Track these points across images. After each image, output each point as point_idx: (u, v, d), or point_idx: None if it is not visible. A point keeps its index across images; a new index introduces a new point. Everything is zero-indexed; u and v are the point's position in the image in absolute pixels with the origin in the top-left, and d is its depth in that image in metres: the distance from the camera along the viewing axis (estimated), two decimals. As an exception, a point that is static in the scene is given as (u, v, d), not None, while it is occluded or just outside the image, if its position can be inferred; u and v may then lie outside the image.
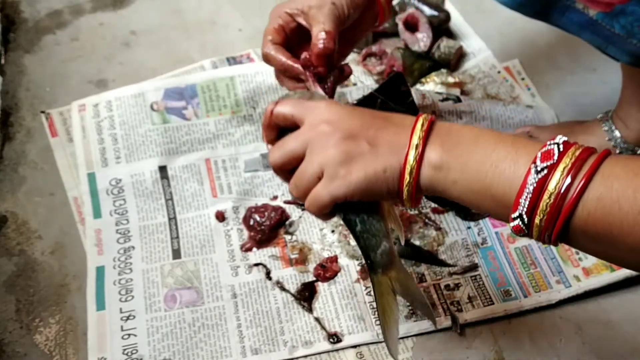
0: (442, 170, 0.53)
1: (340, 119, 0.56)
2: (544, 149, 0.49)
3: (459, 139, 0.53)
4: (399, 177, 0.54)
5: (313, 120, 0.57)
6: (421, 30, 1.10)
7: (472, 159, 0.52)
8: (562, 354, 0.80)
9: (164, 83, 0.98)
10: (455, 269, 0.86)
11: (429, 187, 0.55)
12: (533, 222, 0.49)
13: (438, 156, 0.53)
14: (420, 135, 0.54)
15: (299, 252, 0.87)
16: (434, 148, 0.54)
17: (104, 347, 0.78)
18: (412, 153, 0.54)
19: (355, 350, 0.79)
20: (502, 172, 0.50)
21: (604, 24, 0.69)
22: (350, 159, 0.55)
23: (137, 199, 0.90)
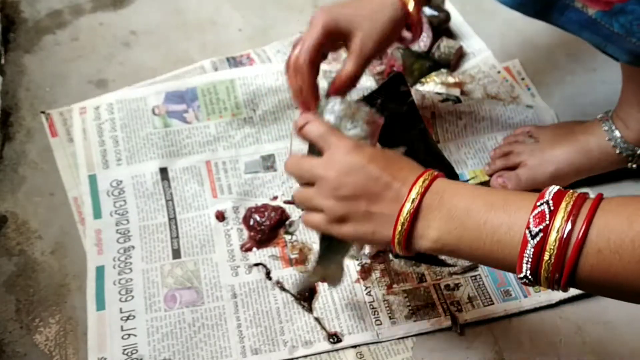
0: (440, 242, 0.57)
1: (349, 172, 0.60)
2: (535, 212, 0.50)
3: (452, 212, 0.56)
4: (390, 241, 0.60)
5: (328, 162, 0.62)
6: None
7: (468, 231, 0.55)
8: (562, 354, 0.80)
9: (165, 87, 0.98)
10: (455, 269, 0.86)
11: (432, 252, 0.59)
12: (540, 280, 0.51)
13: (434, 232, 0.57)
14: (408, 212, 0.57)
15: (299, 252, 0.87)
16: (426, 223, 0.57)
17: (104, 347, 0.78)
18: (399, 229, 0.58)
19: (355, 350, 0.79)
20: (498, 241, 0.53)
21: (603, 22, 0.69)
22: (346, 218, 0.61)
23: (138, 200, 0.90)
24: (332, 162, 0.62)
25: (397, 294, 0.84)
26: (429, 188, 0.58)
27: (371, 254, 0.87)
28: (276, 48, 1.11)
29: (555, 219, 0.49)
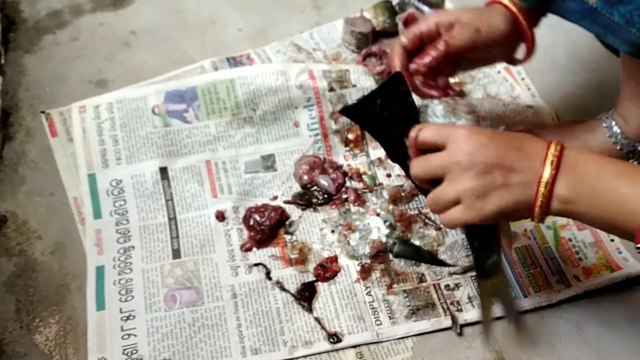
0: (570, 204, 0.61)
1: (477, 151, 0.63)
2: None
3: (584, 177, 0.60)
4: (530, 208, 0.62)
5: (453, 149, 0.64)
6: (421, 30, 1.10)
7: (597, 196, 0.59)
8: (562, 354, 0.80)
9: (165, 86, 0.98)
10: (455, 269, 0.86)
11: (558, 214, 0.63)
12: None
13: (566, 193, 0.61)
14: (550, 174, 0.61)
15: (299, 252, 0.87)
16: (562, 185, 0.61)
17: (104, 347, 0.78)
18: (542, 190, 0.61)
19: (355, 350, 0.79)
20: (623, 210, 0.57)
21: (604, 12, 0.70)
22: (485, 193, 0.63)
23: (138, 200, 0.90)
24: (457, 148, 0.64)
25: (397, 294, 0.84)
26: (562, 153, 0.62)
27: (371, 254, 0.87)
28: (276, 48, 1.11)
29: None
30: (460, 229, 0.71)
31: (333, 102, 0.99)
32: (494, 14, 0.79)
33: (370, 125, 0.79)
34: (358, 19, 1.12)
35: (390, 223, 0.90)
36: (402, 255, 0.87)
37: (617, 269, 0.86)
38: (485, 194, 0.63)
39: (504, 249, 0.74)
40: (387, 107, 0.76)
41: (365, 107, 0.76)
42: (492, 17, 0.79)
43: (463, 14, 0.79)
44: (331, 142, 0.98)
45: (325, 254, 0.87)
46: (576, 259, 0.87)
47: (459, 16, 0.79)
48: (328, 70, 1.01)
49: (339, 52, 1.11)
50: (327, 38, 1.14)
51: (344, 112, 0.78)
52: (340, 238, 0.89)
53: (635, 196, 0.56)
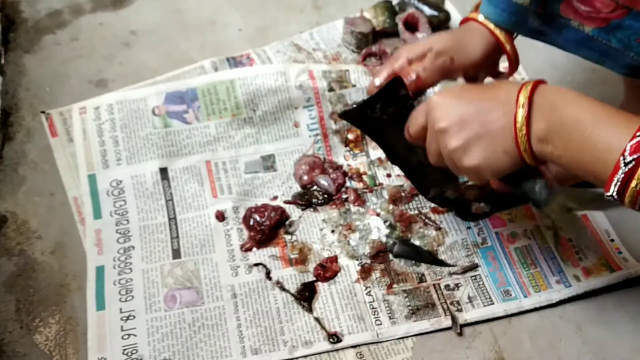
0: (547, 145, 0.61)
1: (450, 111, 0.65)
2: (633, 141, 0.54)
3: (562, 118, 0.59)
4: (517, 152, 0.63)
5: (431, 121, 0.68)
6: (421, 30, 1.10)
7: (572, 141, 0.58)
8: (562, 354, 0.80)
9: (165, 87, 0.98)
10: (455, 269, 0.86)
11: (538, 156, 0.62)
12: (624, 201, 0.56)
13: (543, 133, 0.61)
14: (522, 115, 0.61)
15: (299, 252, 0.87)
16: (540, 125, 0.61)
17: (104, 347, 0.78)
18: (519, 134, 0.61)
19: (355, 350, 0.79)
20: (596, 158, 0.57)
21: (600, 38, 0.70)
22: (468, 147, 0.65)
23: (138, 200, 0.90)
24: (433, 118, 0.67)
25: (397, 294, 0.84)
26: (535, 91, 0.62)
27: (371, 254, 0.87)
28: (276, 48, 1.11)
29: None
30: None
31: (333, 102, 0.99)
32: (469, 35, 0.80)
33: (370, 129, 0.80)
34: (358, 19, 1.13)
35: (390, 223, 0.90)
36: (402, 255, 0.87)
37: (617, 269, 0.86)
38: (468, 147, 0.65)
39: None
40: (386, 111, 0.76)
41: (365, 111, 0.76)
42: (467, 39, 0.80)
43: (436, 42, 0.79)
44: (331, 142, 0.98)
45: (325, 254, 0.87)
46: (576, 259, 0.87)
47: (432, 45, 0.79)
48: (328, 70, 1.01)
49: (339, 52, 1.12)
50: (327, 38, 1.14)
51: (343, 116, 0.78)
52: (340, 238, 0.89)
53: (608, 145, 0.56)
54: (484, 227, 0.90)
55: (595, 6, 0.67)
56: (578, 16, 0.69)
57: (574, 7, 0.69)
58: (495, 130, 0.63)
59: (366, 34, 1.10)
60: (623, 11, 0.66)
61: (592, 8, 0.68)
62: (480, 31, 0.79)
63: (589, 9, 0.68)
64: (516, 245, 0.88)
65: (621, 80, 0.88)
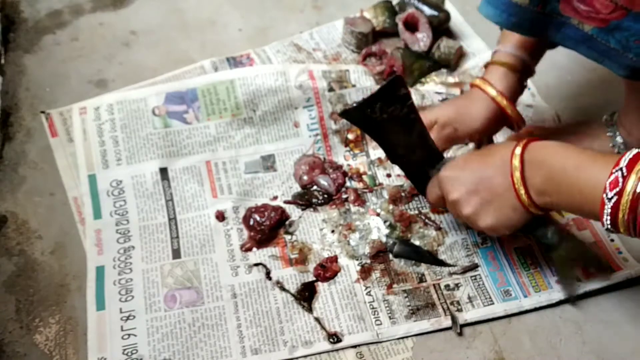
0: (545, 196, 0.68)
1: (458, 184, 0.75)
2: (611, 178, 0.60)
3: (551, 171, 0.67)
4: (522, 208, 0.71)
5: (446, 194, 0.77)
6: (421, 30, 1.10)
7: (563, 187, 0.66)
8: (562, 354, 0.80)
9: (165, 87, 0.98)
10: (455, 269, 0.86)
11: (542, 206, 0.70)
12: (619, 230, 0.62)
13: (540, 186, 0.68)
14: (518, 174, 0.69)
15: (299, 252, 0.87)
16: (535, 179, 0.68)
17: (104, 347, 0.78)
18: (519, 190, 0.69)
19: (355, 350, 0.79)
20: (586, 198, 0.63)
21: (599, 38, 0.70)
22: (480, 213, 0.74)
23: (138, 200, 0.90)
24: (447, 192, 0.76)
25: (397, 294, 0.84)
26: (525, 150, 0.69)
27: (371, 254, 0.87)
28: (276, 48, 1.11)
29: (627, 183, 0.59)
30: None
31: (333, 102, 0.99)
32: (472, 105, 0.85)
33: (370, 128, 0.80)
34: (358, 19, 1.13)
35: (390, 223, 0.90)
36: (402, 255, 0.87)
37: (617, 269, 0.86)
38: (481, 212, 0.73)
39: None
40: (387, 110, 0.76)
41: (365, 110, 0.76)
42: (470, 109, 0.85)
43: (441, 115, 0.86)
44: (331, 142, 0.98)
45: (325, 254, 0.87)
46: (576, 259, 0.87)
47: (437, 117, 0.85)
48: (328, 70, 1.01)
49: (339, 52, 1.11)
50: (327, 38, 1.14)
51: (343, 115, 0.78)
52: (340, 238, 0.89)
53: (593, 185, 0.62)
54: (484, 227, 0.90)
55: (594, 6, 0.67)
56: (577, 15, 0.69)
57: (573, 6, 0.69)
58: (500, 193, 0.71)
59: (366, 34, 1.10)
60: (622, 12, 0.66)
61: (592, 8, 0.68)
62: (482, 99, 0.84)
63: (589, 9, 0.68)
64: (516, 246, 0.88)
65: (621, 80, 0.88)
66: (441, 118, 0.85)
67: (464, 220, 0.77)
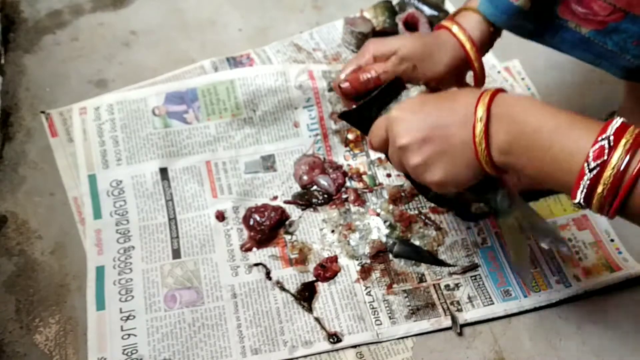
0: (510, 156, 0.60)
1: (410, 128, 0.65)
2: (595, 147, 0.53)
3: (522, 129, 0.59)
4: (477, 163, 0.63)
5: (392, 137, 0.67)
6: (421, 30, 1.10)
7: (535, 151, 0.58)
8: (562, 353, 0.80)
9: (165, 87, 0.98)
10: (455, 269, 0.86)
11: (501, 166, 0.62)
12: (591, 207, 0.55)
13: (506, 145, 0.60)
14: (481, 129, 0.60)
15: (299, 252, 0.87)
16: (500, 136, 0.60)
17: (104, 347, 0.78)
18: (479, 147, 0.61)
19: (355, 350, 0.79)
20: (560, 166, 0.56)
21: (597, 41, 0.70)
22: (430, 163, 0.65)
23: (138, 200, 0.90)
24: (394, 135, 0.67)
25: (397, 294, 0.84)
26: (493, 101, 0.61)
27: (371, 254, 0.87)
28: (276, 48, 1.11)
29: (613, 155, 0.52)
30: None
31: (333, 103, 0.99)
32: (438, 46, 0.77)
33: (370, 129, 0.79)
34: (358, 19, 1.13)
35: (390, 223, 0.90)
36: (402, 255, 0.87)
37: (617, 269, 0.86)
38: (430, 163, 0.65)
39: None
40: (386, 112, 0.76)
41: (365, 111, 0.76)
42: (435, 50, 0.77)
43: (403, 46, 0.77)
44: (331, 142, 0.98)
45: (325, 254, 0.87)
46: (576, 259, 0.87)
47: (399, 47, 0.76)
48: (328, 70, 1.01)
49: (339, 52, 1.11)
50: (327, 38, 1.14)
51: (343, 117, 0.78)
52: (340, 238, 0.89)
53: (571, 152, 0.55)
54: (484, 227, 0.90)
55: (592, 9, 0.67)
56: (575, 17, 0.69)
57: (571, 9, 0.69)
58: (456, 145, 0.63)
59: (366, 34, 1.10)
60: (620, 14, 0.66)
61: (590, 10, 0.68)
62: (450, 43, 0.77)
63: (586, 11, 0.68)
64: (516, 245, 0.88)
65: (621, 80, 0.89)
66: (402, 50, 0.76)
67: (409, 171, 0.68)
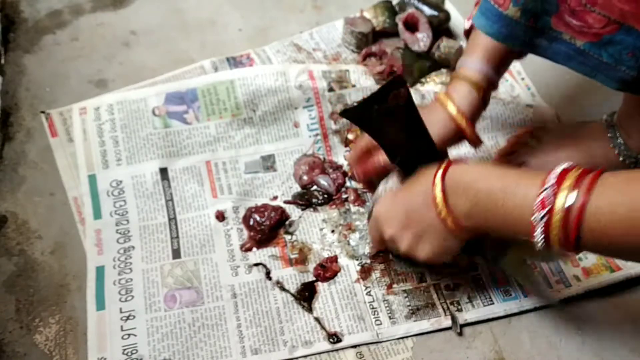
0: (472, 219, 0.66)
1: (389, 220, 0.74)
2: (539, 199, 0.57)
3: (477, 195, 0.64)
4: (452, 234, 0.69)
5: (381, 233, 0.76)
6: (421, 30, 1.10)
7: (489, 212, 0.63)
8: (562, 353, 0.80)
9: (165, 88, 0.98)
10: (455, 269, 0.86)
11: (473, 230, 0.68)
12: (554, 248, 0.58)
13: (466, 210, 0.66)
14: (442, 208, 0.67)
15: (299, 252, 0.87)
16: (459, 204, 0.66)
17: (104, 347, 0.78)
18: (445, 217, 0.67)
19: (355, 350, 0.79)
20: (514, 221, 0.60)
21: (592, 53, 0.70)
22: (415, 245, 0.73)
23: (138, 200, 0.90)
24: (383, 228, 0.76)
25: (397, 294, 0.84)
26: (446, 176, 0.67)
27: (371, 254, 0.87)
28: (276, 48, 1.11)
29: (556, 201, 0.56)
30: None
31: (333, 103, 0.99)
32: (432, 117, 0.81)
33: (371, 127, 0.80)
34: (358, 18, 1.13)
35: (390, 223, 0.90)
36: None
37: (617, 269, 0.86)
38: (416, 246, 0.73)
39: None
40: (387, 110, 0.76)
41: (365, 109, 0.76)
42: (429, 122, 0.79)
43: None
44: (331, 142, 0.98)
45: (325, 254, 0.87)
46: (576, 258, 0.87)
47: None
48: (328, 70, 1.01)
49: (339, 52, 1.12)
50: (327, 38, 1.14)
51: (344, 114, 0.78)
52: (340, 238, 0.89)
53: (522, 207, 0.59)
54: (484, 227, 0.90)
55: (587, 21, 0.67)
56: (569, 30, 0.69)
57: (565, 21, 0.69)
58: (429, 225, 0.70)
59: (366, 34, 1.10)
60: (615, 26, 0.66)
61: (584, 23, 0.68)
62: (441, 116, 0.81)
63: (581, 24, 0.68)
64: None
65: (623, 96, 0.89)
66: None
67: (404, 255, 0.75)
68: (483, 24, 0.76)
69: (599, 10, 0.66)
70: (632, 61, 0.67)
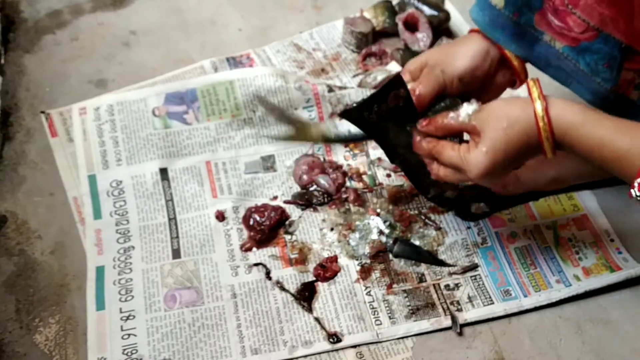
0: (572, 130, 0.64)
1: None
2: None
3: (584, 126, 0.63)
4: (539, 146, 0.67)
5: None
6: (421, 30, 1.10)
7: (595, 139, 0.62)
8: (562, 354, 0.80)
9: (165, 88, 0.98)
10: (455, 269, 0.86)
11: (562, 144, 0.65)
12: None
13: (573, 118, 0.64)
14: (541, 106, 0.66)
15: (299, 251, 0.87)
16: (556, 109, 0.65)
17: (104, 347, 0.78)
18: (541, 124, 0.66)
19: (355, 350, 0.79)
20: (621, 163, 0.60)
21: (570, 57, 0.70)
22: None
23: (138, 200, 0.90)
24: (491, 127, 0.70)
25: (397, 294, 0.84)
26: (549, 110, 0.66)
27: (371, 254, 0.87)
28: (276, 48, 1.11)
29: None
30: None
31: (332, 103, 0.99)
32: (460, 44, 0.77)
33: (370, 127, 0.80)
34: (358, 19, 1.13)
35: (390, 223, 0.90)
36: (402, 255, 0.87)
37: (617, 269, 0.86)
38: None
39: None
40: (386, 110, 0.76)
41: (365, 110, 0.76)
42: (458, 48, 0.76)
43: (430, 54, 0.77)
44: (331, 142, 0.98)
45: (325, 254, 0.87)
46: (576, 258, 0.87)
47: (427, 58, 0.77)
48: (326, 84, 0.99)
49: (339, 52, 1.11)
50: (327, 38, 1.14)
51: (343, 115, 0.78)
52: (340, 238, 0.89)
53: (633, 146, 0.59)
54: (484, 227, 0.90)
55: (567, 23, 0.68)
56: (550, 30, 0.70)
57: (547, 20, 0.69)
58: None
59: (366, 33, 1.10)
60: (593, 33, 0.66)
61: (565, 24, 0.68)
62: (475, 39, 0.76)
63: (562, 25, 0.68)
64: (516, 245, 0.88)
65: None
66: (430, 59, 0.76)
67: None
68: (475, 13, 0.76)
69: (580, 13, 0.66)
70: (607, 73, 0.68)
